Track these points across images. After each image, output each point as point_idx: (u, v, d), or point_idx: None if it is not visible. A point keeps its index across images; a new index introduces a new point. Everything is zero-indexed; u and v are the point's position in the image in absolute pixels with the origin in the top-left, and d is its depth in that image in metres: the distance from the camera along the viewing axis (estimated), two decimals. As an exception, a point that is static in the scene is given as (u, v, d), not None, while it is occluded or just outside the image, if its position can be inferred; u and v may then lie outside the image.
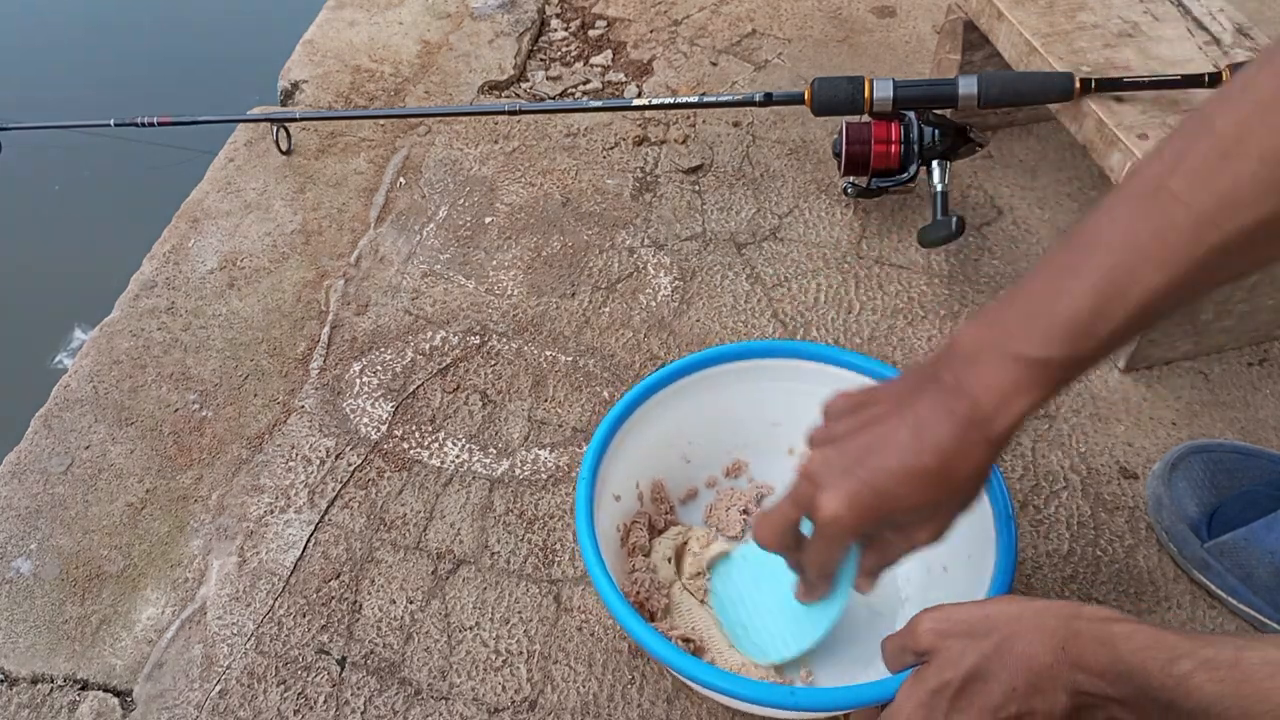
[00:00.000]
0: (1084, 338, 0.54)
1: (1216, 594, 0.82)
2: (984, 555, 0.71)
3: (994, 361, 0.55)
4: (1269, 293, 0.96)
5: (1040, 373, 0.55)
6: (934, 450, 0.56)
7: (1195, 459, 0.86)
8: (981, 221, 1.15)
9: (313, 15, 1.50)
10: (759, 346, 0.85)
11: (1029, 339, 0.55)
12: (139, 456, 0.96)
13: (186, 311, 1.09)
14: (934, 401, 0.56)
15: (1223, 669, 0.48)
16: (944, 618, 0.58)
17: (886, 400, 0.59)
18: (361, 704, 0.78)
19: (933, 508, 0.59)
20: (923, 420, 0.56)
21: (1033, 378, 0.55)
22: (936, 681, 0.56)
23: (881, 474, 0.57)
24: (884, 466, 0.57)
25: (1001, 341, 0.56)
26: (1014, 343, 0.55)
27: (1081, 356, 0.55)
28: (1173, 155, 0.53)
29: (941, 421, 0.56)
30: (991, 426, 0.56)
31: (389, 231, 1.17)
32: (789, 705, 0.64)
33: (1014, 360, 0.55)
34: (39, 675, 0.82)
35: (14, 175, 1.55)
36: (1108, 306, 0.53)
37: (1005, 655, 0.54)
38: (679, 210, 1.18)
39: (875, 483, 0.57)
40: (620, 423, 0.79)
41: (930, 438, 0.56)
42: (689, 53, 1.42)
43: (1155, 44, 1.04)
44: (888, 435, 0.57)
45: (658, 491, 0.85)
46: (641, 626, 0.67)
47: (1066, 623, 0.54)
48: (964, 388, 0.56)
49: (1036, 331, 0.55)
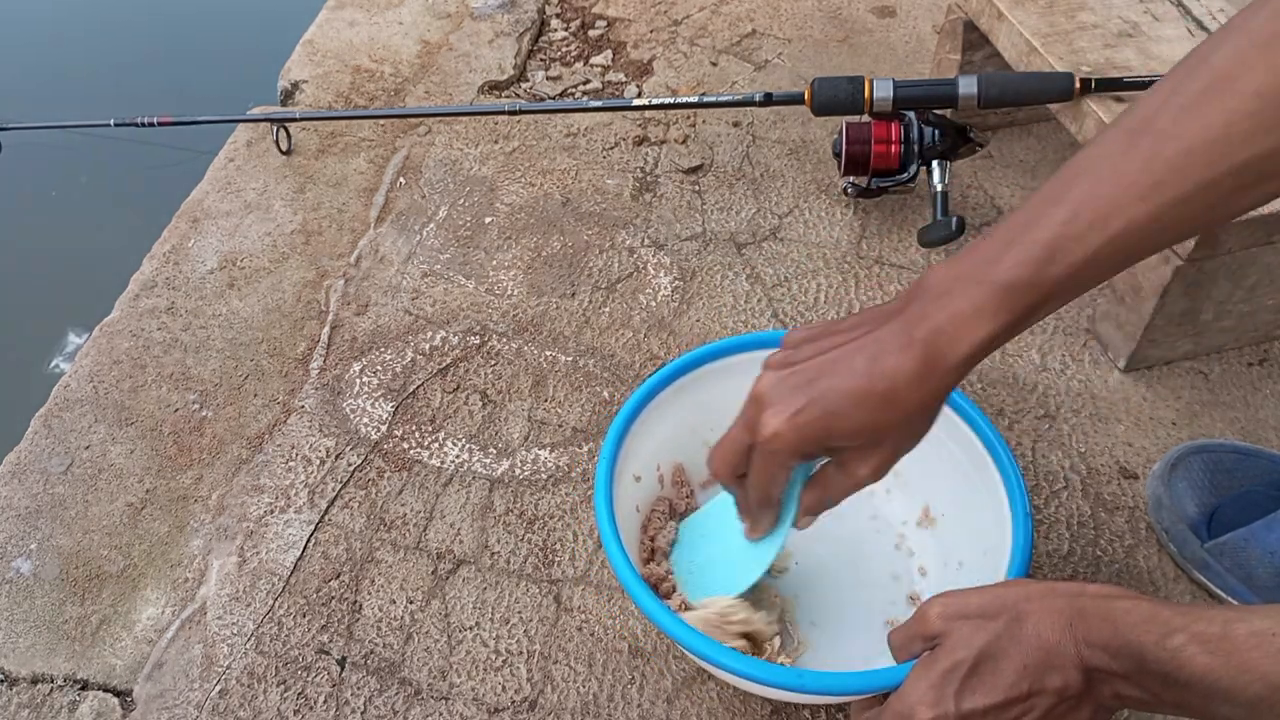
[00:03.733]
0: (1056, 262, 0.53)
1: (1216, 594, 0.82)
2: (999, 551, 0.72)
3: (960, 289, 0.55)
4: (1269, 293, 0.96)
5: (1007, 296, 0.54)
6: (886, 373, 0.55)
7: (1195, 459, 0.86)
8: (981, 221, 1.15)
9: (313, 15, 1.50)
10: (781, 336, 0.85)
11: (999, 264, 0.54)
12: (139, 456, 0.96)
13: (186, 311, 1.09)
14: (895, 328, 0.56)
15: (1212, 641, 0.49)
16: (953, 602, 0.58)
17: (847, 329, 0.59)
18: (361, 704, 0.78)
19: (875, 436, 0.58)
20: (881, 344, 0.56)
21: (998, 301, 0.54)
22: (948, 663, 0.56)
23: (829, 394, 0.56)
24: (832, 387, 0.56)
25: (972, 271, 0.55)
26: (985, 270, 0.54)
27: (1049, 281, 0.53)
28: (1167, 90, 0.52)
29: (900, 347, 0.55)
30: (949, 353, 0.55)
31: (389, 231, 1.17)
32: (796, 687, 0.64)
33: (980, 285, 0.54)
34: (39, 675, 0.82)
35: (14, 175, 1.55)
36: (1085, 232, 0.52)
37: (1016, 635, 0.55)
38: (679, 210, 1.18)
39: (821, 401, 0.56)
40: (645, 403, 0.79)
41: (885, 361, 0.55)
42: (689, 53, 1.42)
43: (1155, 44, 1.04)
44: (842, 358, 0.57)
45: (678, 475, 0.86)
46: (651, 599, 0.67)
47: (1072, 601, 0.55)
48: (927, 315, 0.55)
49: (1008, 256, 0.54)
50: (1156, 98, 0.53)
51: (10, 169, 1.31)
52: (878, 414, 0.56)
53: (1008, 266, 0.53)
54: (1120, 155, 0.52)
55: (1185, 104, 0.51)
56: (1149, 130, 0.52)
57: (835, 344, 0.58)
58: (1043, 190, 0.55)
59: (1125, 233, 0.52)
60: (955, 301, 0.54)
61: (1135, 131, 0.53)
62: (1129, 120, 0.54)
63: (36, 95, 1.90)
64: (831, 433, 0.57)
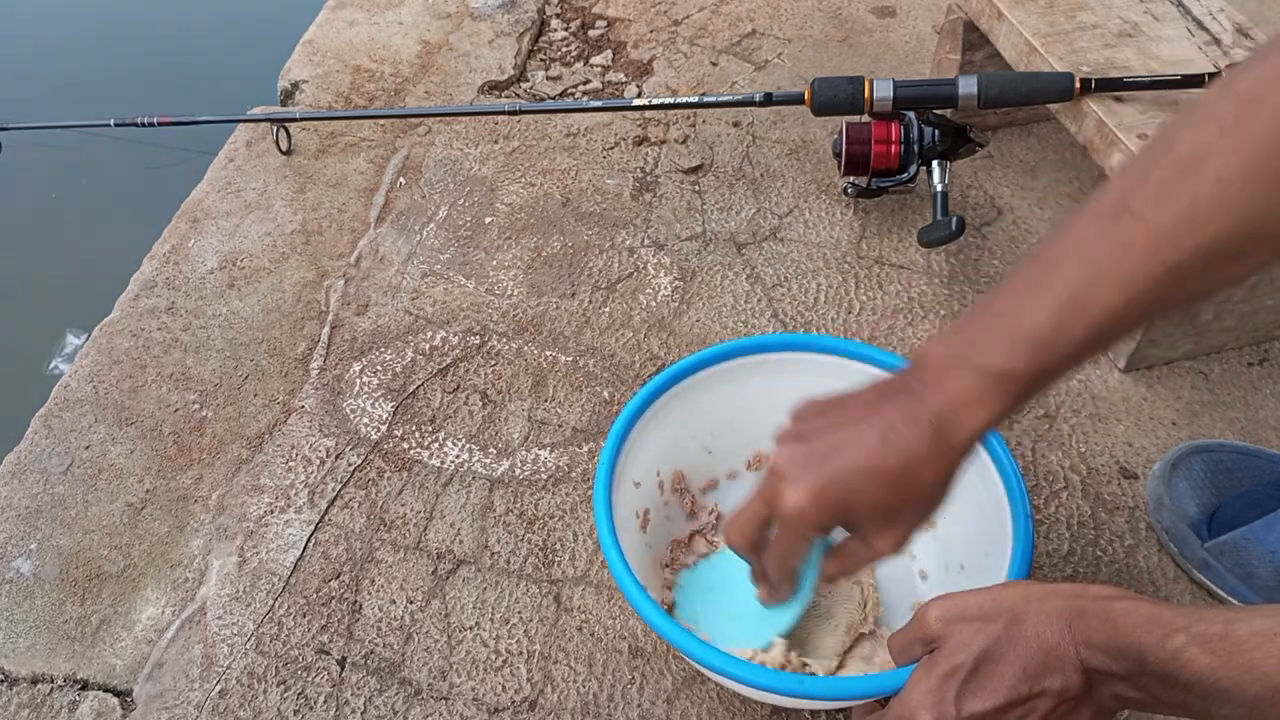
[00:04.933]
0: (1044, 352, 0.56)
1: (1217, 594, 0.82)
2: (1000, 554, 0.72)
3: (958, 373, 0.57)
4: (1269, 293, 0.96)
5: (1002, 385, 0.57)
6: (899, 453, 0.57)
7: (1195, 459, 0.86)
8: (981, 221, 1.15)
9: (313, 15, 1.50)
10: (783, 340, 0.85)
11: (992, 351, 0.57)
12: (139, 456, 0.96)
13: (186, 311, 1.09)
14: (902, 407, 0.58)
15: (1213, 642, 0.49)
16: (952, 605, 0.58)
17: (855, 405, 0.61)
18: (361, 704, 0.78)
19: (893, 512, 0.60)
20: (890, 424, 0.58)
21: (995, 389, 0.57)
22: (948, 666, 0.56)
23: (847, 470, 0.58)
24: (850, 463, 0.58)
25: (966, 354, 0.57)
26: (978, 355, 0.57)
27: (1042, 370, 0.56)
28: (1136, 175, 0.55)
29: (908, 427, 0.57)
30: (954, 435, 0.57)
31: (389, 231, 1.17)
32: (798, 693, 0.64)
33: (976, 372, 0.57)
34: (39, 675, 0.82)
35: (14, 175, 1.55)
36: (1068, 322, 0.55)
37: (1015, 636, 0.55)
38: (679, 210, 1.18)
39: (840, 478, 0.58)
40: (644, 409, 0.79)
41: (896, 440, 0.57)
42: (689, 53, 1.42)
43: (1155, 44, 1.04)
44: (855, 436, 0.59)
45: (678, 482, 0.86)
46: (651, 607, 0.67)
47: (1071, 602, 0.55)
48: (929, 397, 0.58)
49: (1000, 345, 0.57)
50: (1127, 181, 0.55)
51: (10, 169, 1.31)
52: (894, 491, 0.58)
53: (999, 357, 0.56)
54: (1095, 241, 0.55)
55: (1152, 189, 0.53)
56: (1120, 215, 0.54)
57: (845, 419, 0.60)
58: (1026, 272, 0.58)
59: (1105, 319, 0.55)
60: (954, 385, 0.57)
61: (1107, 215, 0.55)
62: (1102, 203, 0.56)
63: (36, 95, 1.89)
64: (851, 508, 0.59)
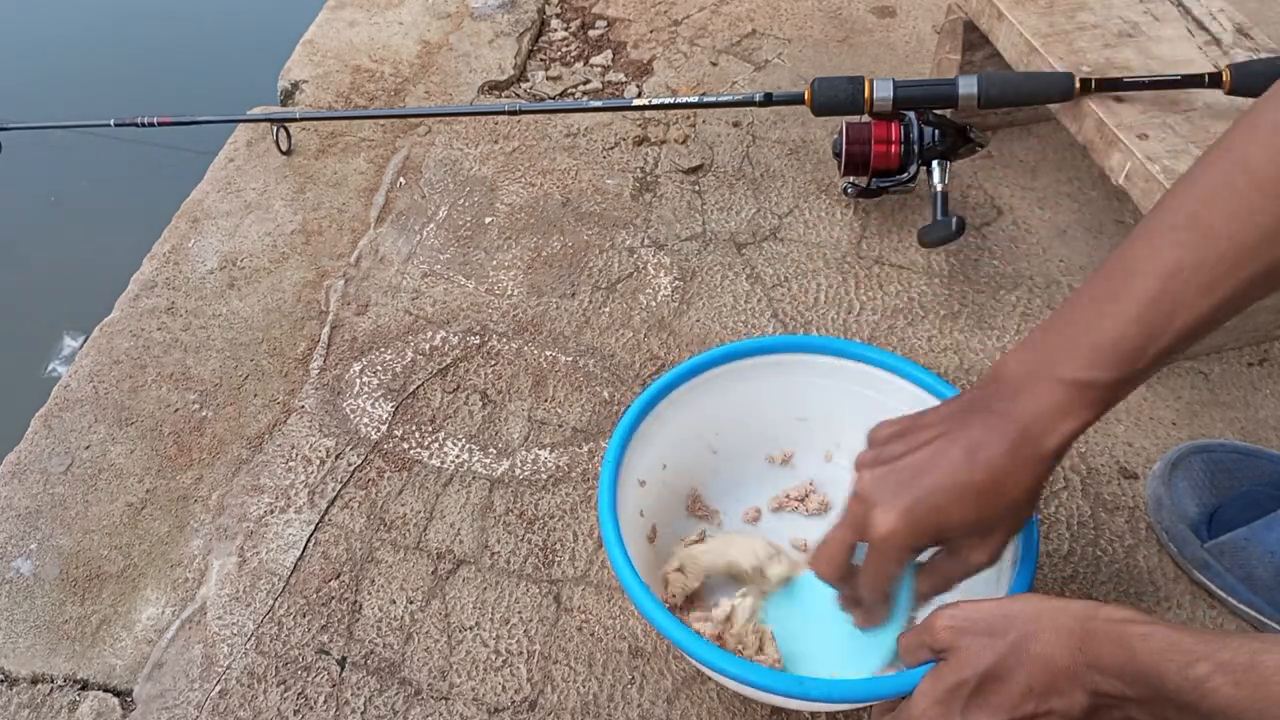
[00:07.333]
0: (1132, 360, 0.58)
1: (1216, 594, 0.82)
2: (1003, 557, 0.71)
3: (1040, 386, 0.59)
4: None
5: (1087, 394, 0.58)
6: (986, 467, 0.58)
7: (1195, 459, 0.86)
8: (981, 221, 1.15)
9: (313, 15, 1.50)
10: (789, 341, 0.85)
11: (1075, 362, 0.58)
12: (139, 456, 0.96)
13: (186, 311, 1.09)
14: (984, 423, 0.59)
15: (1239, 672, 0.48)
16: (961, 615, 0.58)
17: (934, 425, 0.61)
18: (361, 704, 0.78)
19: (985, 526, 0.60)
20: (974, 439, 0.59)
21: (1081, 399, 0.58)
22: (954, 679, 0.56)
23: (935, 490, 0.59)
24: (937, 483, 0.59)
25: (1046, 367, 0.59)
26: (1059, 367, 0.58)
27: (1127, 378, 0.58)
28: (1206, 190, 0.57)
29: (994, 441, 0.58)
30: (1041, 446, 0.58)
31: (389, 231, 1.17)
32: (798, 694, 0.63)
33: (1060, 383, 0.58)
34: (39, 675, 0.82)
35: (14, 175, 1.55)
36: (1156, 329, 0.57)
37: (1022, 655, 0.55)
38: (679, 210, 1.18)
39: (929, 498, 0.59)
40: (649, 408, 0.79)
41: (983, 456, 0.58)
42: (689, 53, 1.42)
43: (1155, 44, 1.04)
44: (939, 455, 0.59)
45: (683, 480, 0.85)
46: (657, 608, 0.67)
47: (1083, 623, 0.54)
48: (1012, 413, 0.59)
49: (1081, 355, 0.58)
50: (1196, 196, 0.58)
51: (10, 169, 1.31)
52: (984, 506, 0.59)
53: (1084, 367, 0.58)
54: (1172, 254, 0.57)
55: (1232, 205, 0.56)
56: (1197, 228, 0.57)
57: (925, 439, 0.61)
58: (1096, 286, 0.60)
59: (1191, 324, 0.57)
60: (1039, 398, 0.59)
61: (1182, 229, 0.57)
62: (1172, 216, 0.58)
63: (36, 95, 1.89)
64: (943, 525, 0.60)
